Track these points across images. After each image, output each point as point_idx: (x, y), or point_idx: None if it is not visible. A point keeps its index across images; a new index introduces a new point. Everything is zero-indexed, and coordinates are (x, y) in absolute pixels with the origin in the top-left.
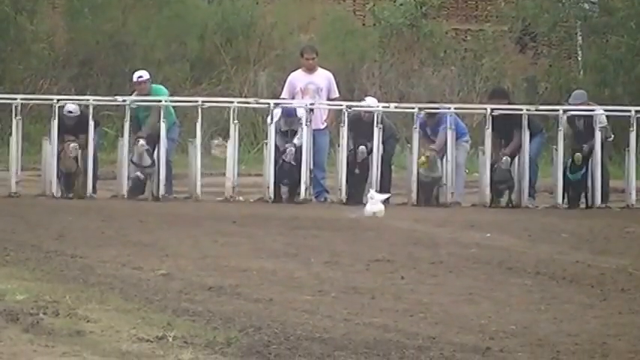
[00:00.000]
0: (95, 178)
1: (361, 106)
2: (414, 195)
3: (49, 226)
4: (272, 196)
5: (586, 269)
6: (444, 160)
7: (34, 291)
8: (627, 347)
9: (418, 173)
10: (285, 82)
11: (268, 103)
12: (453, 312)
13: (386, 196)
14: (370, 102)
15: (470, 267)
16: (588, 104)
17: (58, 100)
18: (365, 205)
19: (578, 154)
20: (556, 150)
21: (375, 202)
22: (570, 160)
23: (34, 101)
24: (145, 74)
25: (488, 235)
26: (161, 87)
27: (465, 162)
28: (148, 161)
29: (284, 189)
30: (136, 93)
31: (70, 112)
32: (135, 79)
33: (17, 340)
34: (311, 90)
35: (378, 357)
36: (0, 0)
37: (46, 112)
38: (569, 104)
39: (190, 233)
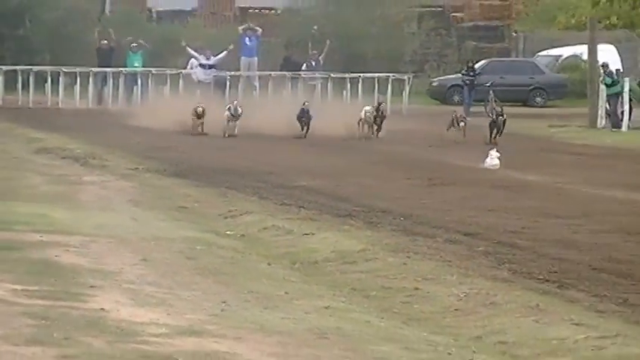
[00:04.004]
0: None
1: None
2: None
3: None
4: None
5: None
6: None
7: (83, 149)
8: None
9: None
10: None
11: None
12: (259, 159)
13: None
14: None
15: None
16: None
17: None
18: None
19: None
20: None
21: (493, 157)
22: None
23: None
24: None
25: None
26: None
27: None
28: (239, 112)
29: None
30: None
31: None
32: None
33: (77, 168)
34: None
35: (237, 177)
36: None
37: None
38: None
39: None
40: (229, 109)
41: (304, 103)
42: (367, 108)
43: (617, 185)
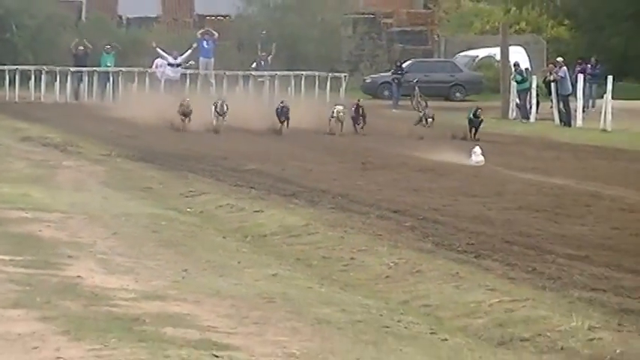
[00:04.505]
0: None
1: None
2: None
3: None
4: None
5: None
6: None
7: (61, 137)
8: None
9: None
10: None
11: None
12: (215, 147)
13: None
14: None
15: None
16: None
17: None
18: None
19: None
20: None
21: (478, 154)
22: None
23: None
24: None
25: None
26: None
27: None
28: (224, 109)
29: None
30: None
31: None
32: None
33: (56, 154)
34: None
35: (196, 162)
36: None
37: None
38: None
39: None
40: (215, 106)
41: (282, 101)
42: (339, 107)
43: (526, 169)
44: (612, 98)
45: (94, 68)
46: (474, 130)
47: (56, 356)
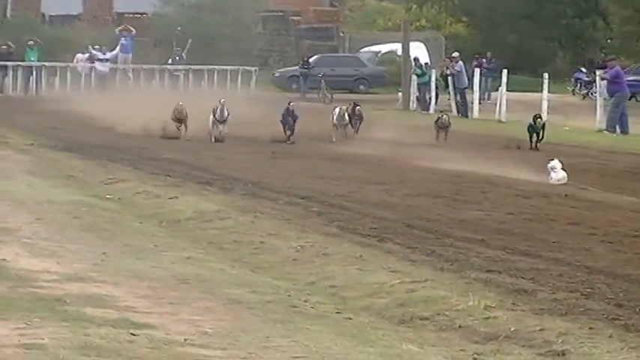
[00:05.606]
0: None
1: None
2: None
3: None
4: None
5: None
6: None
7: (26, 138)
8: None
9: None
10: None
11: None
12: (134, 137)
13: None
14: None
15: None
16: None
17: None
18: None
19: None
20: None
21: (557, 170)
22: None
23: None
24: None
25: None
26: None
27: None
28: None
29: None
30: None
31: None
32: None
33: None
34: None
35: (116, 151)
36: None
37: None
38: None
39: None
40: (214, 112)
41: (289, 103)
42: (337, 110)
43: (426, 157)
44: (507, 91)
45: (18, 63)
46: (535, 137)
47: None
